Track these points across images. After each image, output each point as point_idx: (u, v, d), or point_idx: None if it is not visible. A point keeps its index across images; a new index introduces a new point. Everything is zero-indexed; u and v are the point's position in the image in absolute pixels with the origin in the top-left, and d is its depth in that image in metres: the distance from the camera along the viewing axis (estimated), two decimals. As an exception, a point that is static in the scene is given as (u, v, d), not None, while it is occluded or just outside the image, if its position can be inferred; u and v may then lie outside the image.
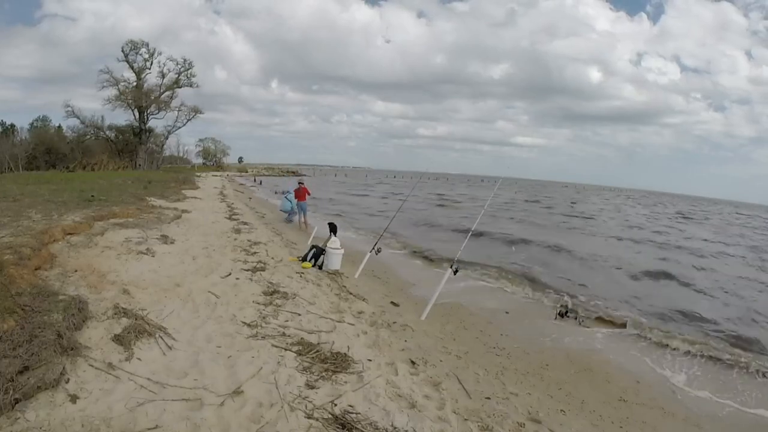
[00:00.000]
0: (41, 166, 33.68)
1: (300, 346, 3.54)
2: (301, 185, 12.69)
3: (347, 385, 3.03)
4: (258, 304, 4.49)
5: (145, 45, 38.82)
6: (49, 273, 4.27)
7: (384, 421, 2.68)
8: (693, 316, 6.80)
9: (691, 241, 17.20)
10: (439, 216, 19.64)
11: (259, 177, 50.18)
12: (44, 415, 2.28)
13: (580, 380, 4.24)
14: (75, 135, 39.21)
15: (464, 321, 5.57)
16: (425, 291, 6.45)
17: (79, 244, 5.55)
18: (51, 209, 7.40)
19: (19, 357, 2.51)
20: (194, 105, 42.04)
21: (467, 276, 7.95)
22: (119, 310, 3.69)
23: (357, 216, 17.62)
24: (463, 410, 3.02)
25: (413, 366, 3.62)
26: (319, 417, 2.61)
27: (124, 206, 9.09)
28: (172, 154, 51.98)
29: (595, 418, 3.53)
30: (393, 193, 34.48)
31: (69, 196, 9.78)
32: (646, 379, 4.47)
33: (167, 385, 2.73)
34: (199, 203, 14.16)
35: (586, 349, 5.13)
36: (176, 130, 43.36)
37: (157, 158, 43.77)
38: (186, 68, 40.42)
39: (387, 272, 7.78)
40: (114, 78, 37.69)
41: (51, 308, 3.20)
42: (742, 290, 9.07)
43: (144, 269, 5.10)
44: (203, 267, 5.68)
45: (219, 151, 64.70)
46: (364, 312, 4.91)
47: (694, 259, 12.81)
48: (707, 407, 4.05)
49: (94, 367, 2.81)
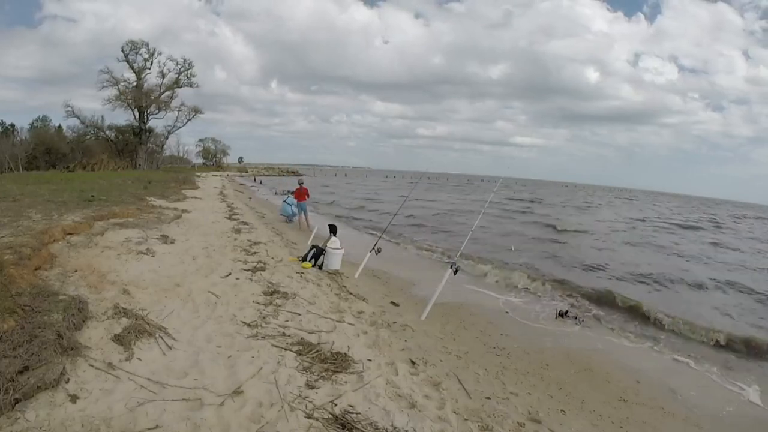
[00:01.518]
0: (41, 166, 33.70)
1: (300, 346, 3.54)
2: (301, 185, 12.65)
3: (347, 385, 3.03)
4: (258, 304, 4.49)
5: (145, 45, 38.92)
6: (49, 273, 4.27)
7: (384, 421, 2.68)
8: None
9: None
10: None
11: (259, 177, 50.19)
12: (44, 415, 2.28)
13: (580, 380, 4.24)
14: (75, 135, 39.29)
15: (464, 321, 5.57)
16: (425, 291, 6.45)
17: (79, 244, 5.55)
18: (51, 209, 7.40)
19: (19, 357, 2.51)
20: (194, 105, 42.18)
21: (468, 276, 7.95)
22: (119, 310, 3.69)
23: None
24: (463, 410, 3.02)
25: (413, 366, 3.62)
26: (319, 417, 2.61)
27: (124, 206, 9.08)
28: (172, 154, 52.05)
29: (595, 418, 3.53)
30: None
31: (69, 196, 9.77)
32: (646, 379, 4.47)
33: (167, 385, 2.73)
34: (199, 203, 14.16)
35: (586, 349, 5.13)
36: (176, 130, 43.51)
37: (157, 158, 43.80)
38: (186, 68, 40.53)
39: (387, 272, 7.78)
40: (114, 78, 37.79)
41: (51, 308, 3.20)
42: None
43: (144, 269, 5.10)
44: (203, 267, 5.68)
45: (219, 151, 64.79)
46: (364, 312, 4.91)
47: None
48: (707, 407, 4.05)
49: (94, 367, 2.81)
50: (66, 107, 37.38)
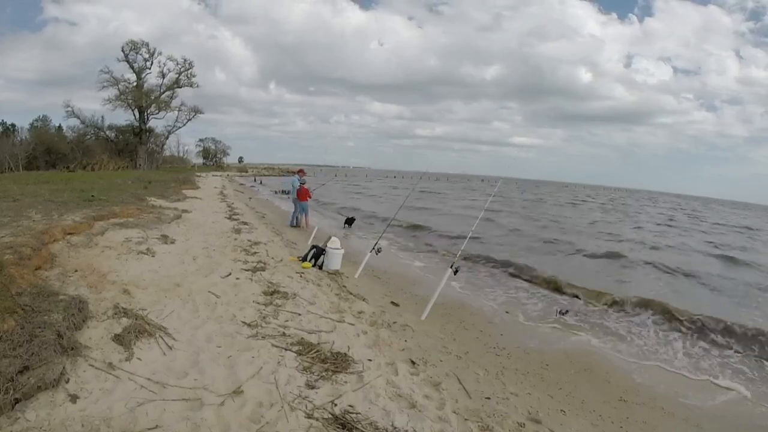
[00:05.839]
0: (41, 166, 33.71)
1: (300, 346, 3.54)
2: (302, 185, 12.43)
3: (347, 385, 3.03)
4: (258, 304, 4.49)
5: (145, 45, 38.92)
6: (50, 273, 4.27)
7: (384, 421, 2.68)
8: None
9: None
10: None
11: (260, 177, 50.18)
12: (44, 415, 2.28)
13: (580, 380, 4.24)
14: (75, 135, 39.30)
15: (464, 321, 5.56)
16: (425, 291, 6.45)
17: (79, 244, 5.55)
18: (51, 209, 7.39)
19: (19, 357, 2.51)
20: (194, 105, 42.20)
21: (468, 276, 7.95)
22: (119, 310, 3.69)
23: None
24: (463, 410, 3.02)
25: (413, 366, 3.62)
26: (319, 417, 2.61)
27: (125, 206, 9.08)
28: (173, 154, 52.08)
29: (595, 418, 3.53)
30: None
31: (69, 196, 9.77)
32: (646, 379, 4.46)
33: (167, 385, 2.73)
34: (200, 203, 14.15)
35: (586, 349, 5.13)
36: (176, 130, 43.56)
37: (158, 158, 43.84)
38: (186, 68, 40.55)
39: (387, 272, 7.77)
40: (114, 78, 37.80)
41: (51, 308, 3.20)
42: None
43: (144, 269, 5.10)
44: (203, 267, 5.68)
45: (219, 151, 64.77)
46: (364, 312, 4.91)
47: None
48: (707, 407, 4.05)
49: (94, 367, 2.81)
50: (66, 107, 37.48)
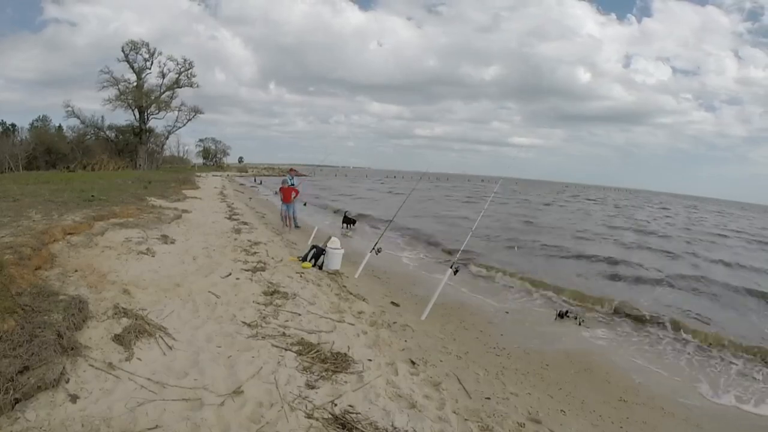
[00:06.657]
0: (41, 166, 33.67)
1: (300, 346, 3.54)
2: (285, 184, 11.22)
3: (347, 385, 3.03)
4: (258, 304, 4.49)
5: (145, 45, 38.83)
6: (50, 273, 4.27)
7: (384, 421, 2.68)
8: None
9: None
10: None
11: (260, 177, 50.16)
12: (44, 415, 2.28)
13: (580, 380, 4.24)
14: (75, 135, 39.23)
15: (464, 321, 5.56)
16: (425, 291, 6.45)
17: (79, 244, 5.55)
18: (51, 209, 7.39)
19: (19, 357, 2.51)
20: (194, 105, 42.14)
21: (468, 276, 7.95)
22: (119, 310, 3.69)
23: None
24: (463, 410, 3.02)
25: (413, 366, 3.62)
26: (319, 417, 2.61)
27: (125, 206, 9.08)
28: (173, 154, 51.99)
29: (595, 418, 3.53)
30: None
31: (69, 196, 9.77)
32: (646, 379, 4.46)
33: (167, 385, 2.73)
34: (200, 203, 14.16)
35: (586, 349, 5.13)
36: (176, 130, 43.42)
37: (158, 158, 43.78)
38: (186, 68, 40.44)
39: (387, 272, 7.77)
40: (114, 78, 37.73)
41: (51, 308, 3.20)
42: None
43: (144, 269, 5.10)
44: (203, 267, 5.68)
45: (219, 151, 64.71)
46: (364, 312, 4.91)
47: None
48: (707, 407, 4.05)
49: (94, 367, 2.81)
50: (66, 107, 37.40)
